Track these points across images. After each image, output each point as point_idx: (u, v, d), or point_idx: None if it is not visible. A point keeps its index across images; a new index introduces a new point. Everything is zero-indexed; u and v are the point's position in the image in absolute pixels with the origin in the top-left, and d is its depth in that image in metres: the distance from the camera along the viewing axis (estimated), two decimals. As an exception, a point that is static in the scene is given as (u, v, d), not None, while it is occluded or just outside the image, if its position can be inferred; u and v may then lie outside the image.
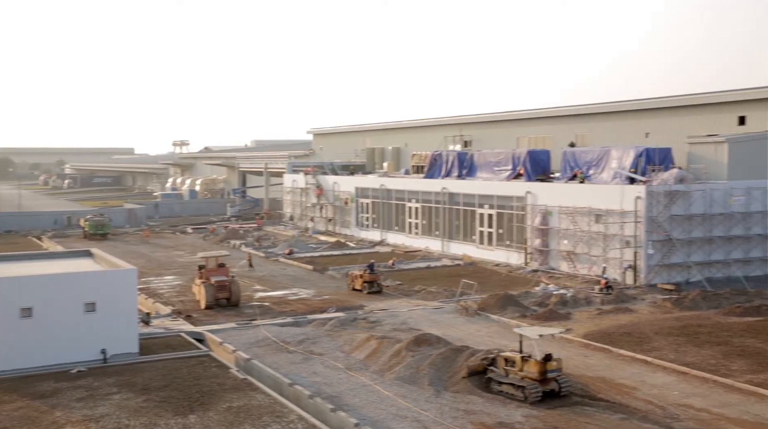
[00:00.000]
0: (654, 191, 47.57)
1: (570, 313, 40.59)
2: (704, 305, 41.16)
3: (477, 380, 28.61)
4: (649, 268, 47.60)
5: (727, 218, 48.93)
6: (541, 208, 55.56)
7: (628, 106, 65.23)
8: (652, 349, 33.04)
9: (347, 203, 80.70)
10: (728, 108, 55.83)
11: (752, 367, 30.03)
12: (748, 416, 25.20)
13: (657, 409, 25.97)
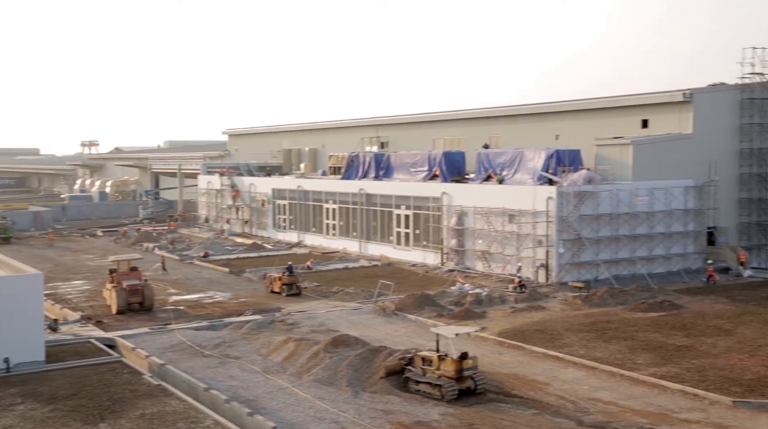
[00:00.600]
0: (564, 192, 49.02)
1: (485, 312, 41.39)
2: (612, 302, 42.69)
3: (395, 380, 28.82)
4: (560, 266, 49.03)
5: (632, 218, 50.88)
6: (456, 208, 56.43)
7: (540, 109, 66.97)
8: (563, 346, 34.05)
9: (264, 205, 79.93)
10: (632, 112, 58.07)
11: (656, 361, 31.33)
12: (652, 407, 26.29)
13: (568, 404, 26.78)
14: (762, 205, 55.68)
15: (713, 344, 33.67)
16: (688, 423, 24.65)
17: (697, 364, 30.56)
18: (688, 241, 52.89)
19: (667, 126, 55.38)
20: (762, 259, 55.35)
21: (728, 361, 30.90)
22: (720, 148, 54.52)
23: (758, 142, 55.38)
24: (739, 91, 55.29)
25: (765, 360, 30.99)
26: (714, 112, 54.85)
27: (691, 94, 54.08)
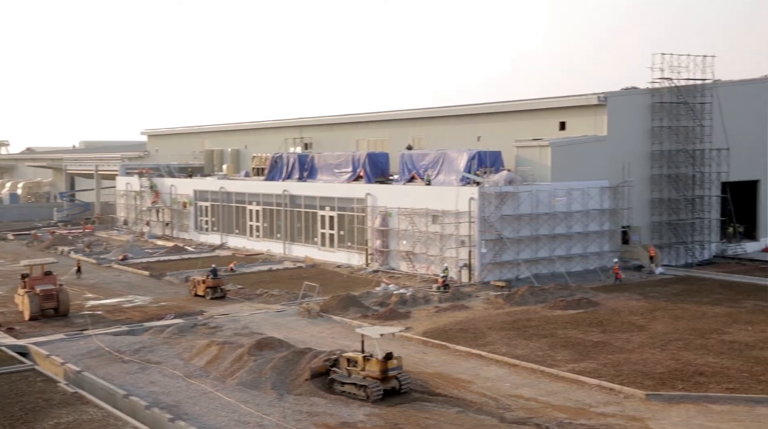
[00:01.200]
0: (486, 192, 49.90)
1: (410, 312, 41.73)
2: (532, 300, 43.70)
3: (320, 382, 28.77)
4: (483, 266, 49.87)
5: (551, 217, 52.20)
6: (381, 209, 56.69)
7: (462, 111, 67.95)
8: (486, 344, 34.66)
9: (185, 206, 78.43)
10: (551, 114, 59.58)
11: (574, 357, 32.25)
12: (571, 402, 27.06)
13: (490, 401, 27.28)
14: (672, 205, 57.98)
15: (628, 340, 34.88)
16: (604, 416, 25.46)
17: (613, 359, 31.61)
18: (604, 240, 54.61)
19: (584, 128, 57.07)
20: (672, 257, 57.60)
21: (641, 356, 32.07)
22: (633, 150, 56.51)
23: (668, 145, 57.64)
24: (650, 95, 57.43)
25: (675, 354, 32.31)
26: (627, 115, 56.82)
27: (605, 98, 55.87)
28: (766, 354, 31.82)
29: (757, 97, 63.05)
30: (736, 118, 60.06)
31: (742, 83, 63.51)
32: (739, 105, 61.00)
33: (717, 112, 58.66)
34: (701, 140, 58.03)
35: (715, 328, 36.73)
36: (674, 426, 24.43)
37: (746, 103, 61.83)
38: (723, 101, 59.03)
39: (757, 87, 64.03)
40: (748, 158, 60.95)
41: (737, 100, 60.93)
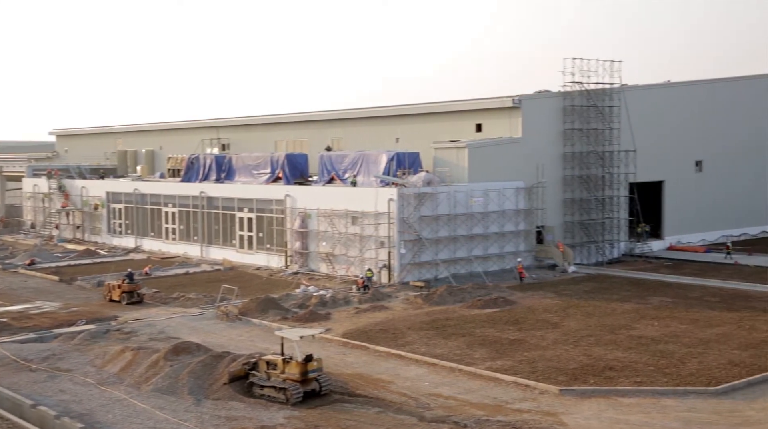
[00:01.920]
0: (405, 193, 50.33)
1: (330, 313, 41.68)
2: (450, 300, 44.32)
3: (239, 386, 28.41)
4: (402, 266, 50.28)
5: (468, 218, 53.08)
6: (300, 211, 56.40)
7: (381, 113, 68.34)
8: (405, 344, 34.96)
9: (97, 209, 76.06)
10: (467, 116, 60.62)
11: (491, 355, 32.91)
12: (488, 400, 27.59)
13: (410, 401, 27.53)
14: (584, 205, 59.88)
15: (542, 337, 35.82)
16: (520, 412, 26.07)
17: (528, 356, 32.40)
18: (520, 240, 55.90)
19: (499, 130, 58.28)
20: (584, 255, 59.48)
21: (555, 352, 32.99)
22: (546, 152, 58.07)
23: (579, 147, 59.51)
24: (562, 98, 59.16)
25: (587, 350, 33.39)
26: (540, 118, 58.37)
27: (520, 101, 57.22)
28: (670, 348, 33.24)
29: (661, 101, 65.81)
30: (641, 121, 62.50)
31: (647, 88, 66.17)
32: (645, 108, 63.52)
33: (624, 115, 60.90)
34: (610, 142, 60.16)
35: (624, 323, 38.13)
36: (586, 420, 25.23)
37: (651, 107, 64.43)
38: (630, 105, 61.34)
39: (661, 91, 66.85)
40: (653, 160, 63.51)
41: (643, 104, 63.43)
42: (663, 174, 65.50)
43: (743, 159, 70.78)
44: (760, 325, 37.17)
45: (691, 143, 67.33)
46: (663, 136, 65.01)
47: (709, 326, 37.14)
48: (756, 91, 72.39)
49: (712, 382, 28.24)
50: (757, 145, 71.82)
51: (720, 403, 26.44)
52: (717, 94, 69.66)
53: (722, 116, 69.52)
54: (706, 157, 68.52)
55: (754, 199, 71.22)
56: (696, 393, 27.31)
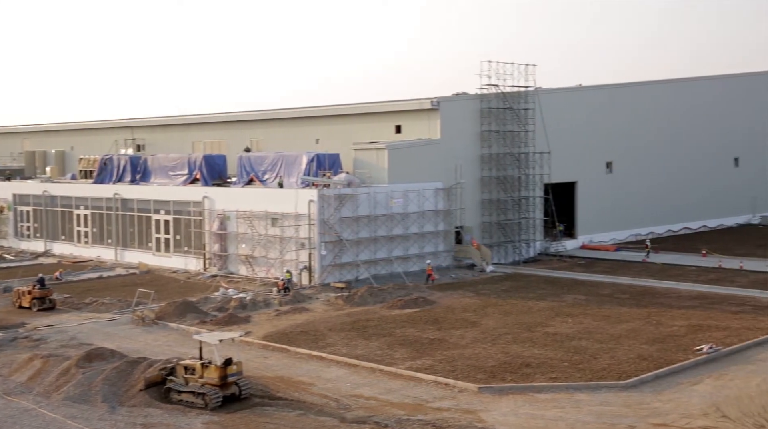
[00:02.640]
0: (325, 195, 50.26)
1: (250, 316, 41.24)
2: (371, 300, 44.52)
3: (156, 392, 27.80)
4: (323, 268, 50.19)
5: (389, 219, 53.43)
6: (218, 212, 55.60)
7: (301, 113, 68.05)
8: (326, 345, 34.93)
9: (3, 211, 72.99)
10: (387, 118, 61.05)
11: (412, 355, 33.23)
12: (409, 399, 27.86)
13: (331, 402, 27.53)
14: (501, 206, 61.15)
15: (461, 336, 36.40)
16: (440, 411, 26.42)
17: (448, 355, 32.87)
18: (439, 240, 56.63)
19: (419, 131, 58.90)
20: (501, 255, 60.75)
21: (474, 351, 33.58)
22: (464, 153, 59.03)
23: (496, 148, 60.74)
24: (479, 101, 60.26)
25: (505, 347, 34.12)
26: (458, 120, 59.29)
27: (438, 102, 58.00)
28: (584, 344, 34.32)
29: (573, 104, 67.87)
30: (555, 123, 64.28)
31: (560, 91, 68.13)
32: (558, 111, 65.35)
33: (539, 117, 62.50)
34: (525, 144, 61.63)
35: (540, 321, 39.14)
36: (504, 416, 25.78)
37: (564, 110, 66.34)
38: (544, 107, 63.00)
39: (573, 95, 68.94)
40: (566, 161, 65.41)
41: (556, 107, 65.23)
42: (576, 175, 67.54)
43: (650, 160, 73.70)
44: (666, 320, 38.79)
45: (601, 145, 69.69)
46: (575, 138, 67.05)
47: (620, 322, 38.52)
48: (662, 94, 75.52)
49: (622, 376, 29.29)
50: (663, 147, 74.94)
51: (630, 396, 27.46)
52: (625, 97, 72.30)
53: (630, 118, 72.20)
54: (616, 159, 71.03)
55: (661, 199, 74.27)
56: (608, 387, 28.28)
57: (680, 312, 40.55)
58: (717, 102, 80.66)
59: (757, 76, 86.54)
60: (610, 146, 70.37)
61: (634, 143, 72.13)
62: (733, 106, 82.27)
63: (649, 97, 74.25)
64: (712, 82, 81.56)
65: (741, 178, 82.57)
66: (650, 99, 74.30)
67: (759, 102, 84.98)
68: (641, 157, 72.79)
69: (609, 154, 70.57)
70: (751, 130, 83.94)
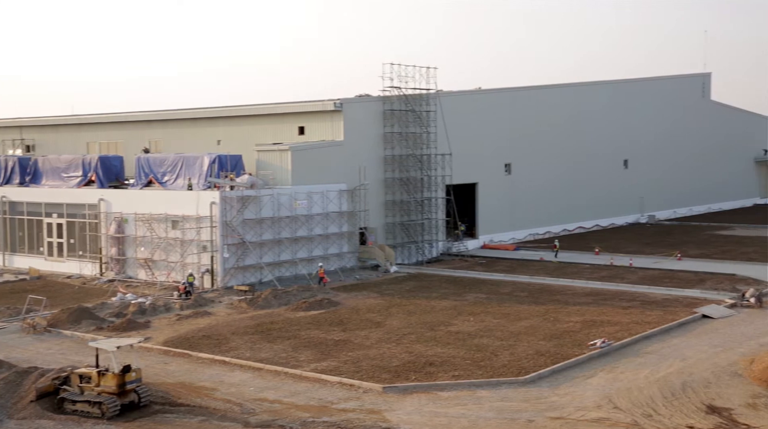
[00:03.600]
0: (227, 196, 49.48)
1: (149, 322, 40.17)
2: (275, 303, 44.17)
3: (48, 402, 26.69)
4: (226, 271, 49.39)
5: (293, 221, 53.13)
6: (116, 215, 53.86)
7: (201, 114, 66.75)
8: (229, 350, 34.41)
9: None
10: (290, 119, 60.72)
11: (317, 356, 33.16)
12: (314, 401, 27.80)
13: (235, 407, 27.15)
14: (404, 207, 61.83)
15: (366, 336, 36.60)
16: (345, 412, 26.49)
17: (353, 356, 32.99)
18: (343, 241, 56.73)
19: (322, 133, 58.86)
20: (405, 255, 61.44)
21: (379, 351, 33.84)
22: (368, 154, 59.37)
23: (399, 150, 61.39)
24: (382, 103, 60.76)
25: (409, 347, 34.54)
26: (362, 121, 59.59)
27: (341, 104, 58.14)
28: (485, 342, 35.16)
29: (473, 107, 69.39)
30: (456, 125, 65.54)
31: (460, 94, 69.55)
32: (459, 113, 66.67)
33: (440, 119, 63.58)
34: (427, 146, 62.56)
35: (443, 320, 39.83)
36: (408, 415, 26.09)
37: (464, 112, 67.74)
38: (445, 110, 64.14)
39: (473, 97, 70.51)
40: (467, 163, 66.83)
41: (457, 109, 66.54)
42: (476, 176, 69.07)
43: (547, 162, 76.22)
44: (562, 316, 40.22)
45: (500, 147, 71.55)
46: (476, 140, 68.57)
47: (519, 319, 39.66)
48: (558, 98, 78.25)
49: (521, 372, 30.18)
50: (559, 149, 77.67)
51: (528, 391, 28.33)
52: (523, 101, 74.50)
53: (528, 121, 74.45)
54: (514, 160, 73.08)
55: (557, 200, 76.94)
56: (508, 383, 29.08)
57: (575, 308, 42.13)
58: (608, 106, 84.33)
59: (645, 81, 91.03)
60: (508, 148, 72.34)
61: (531, 145, 74.41)
62: (623, 110, 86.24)
63: (546, 101, 76.79)
64: (604, 86, 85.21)
65: (630, 180, 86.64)
66: (547, 102, 76.85)
67: (646, 106, 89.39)
68: (538, 159, 75.18)
69: (508, 156, 72.52)
70: (639, 134, 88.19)
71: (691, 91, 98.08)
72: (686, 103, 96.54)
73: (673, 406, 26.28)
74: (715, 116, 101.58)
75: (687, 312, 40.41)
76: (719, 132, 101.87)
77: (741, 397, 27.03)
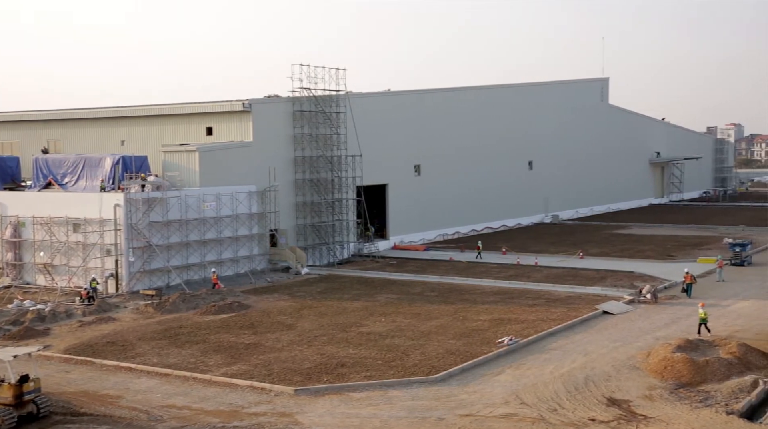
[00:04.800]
0: (132, 198, 48.11)
1: (49, 329, 38.63)
2: (184, 307, 43.26)
3: (-61, 417, 25.25)
4: (131, 275, 48.00)
5: (201, 223, 52.12)
6: (12, 218, 51.54)
7: (103, 114, 64.69)
8: (136, 356, 33.48)
9: None
10: (198, 119, 59.58)
11: (227, 360, 32.68)
12: (224, 406, 27.39)
13: (141, 414, 26.45)
14: (315, 208, 61.67)
15: (278, 339, 36.32)
16: (256, 416, 26.22)
17: (264, 359, 32.67)
18: (254, 244, 56.06)
19: (231, 134, 58.02)
20: (317, 257, 61.27)
21: (290, 354, 33.64)
22: (278, 156, 58.91)
23: (309, 151, 61.18)
24: (291, 104, 60.41)
25: (321, 349, 34.48)
26: (271, 122, 59.07)
27: (250, 105, 57.49)
28: (396, 342, 35.48)
29: (383, 109, 69.89)
30: (366, 127, 65.87)
31: (370, 95, 69.94)
32: (369, 115, 67.04)
33: (350, 121, 63.74)
34: (338, 147, 62.61)
35: (355, 321, 39.95)
36: (320, 417, 26.06)
37: (374, 114, 68.17)
38: (355, 111, 64.36)
39: (382, 99, 71.04)
40: (377, 164, 67.25)
41: (366, 111, 66.88)
42: (386, 177, 69.60)
43: (455, 163, 77.57)
44: (471, 315, 41.03)
45: (410, 148, 72.34)
46: (386, 142, 69.10)
47: (430, 319, 40.22)
48: (466, 100, 79.77)
49: (432, 371, 30.61)
50: (467, 151, 79.17)
51: (439, 389, 28.77)
52: (432, 103, 75.60)
53: (437, 123, 75.60)
54: (424, 162, 74.04)
55: (465, 201, 78.43)
56: (419, 382, 29.45)
57: (484, 307, 43.05)
58: (514, 109, 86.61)
59: (548, 85, 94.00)
60: (418, 150, 73.22)
61: (440, 147, 75.56)
62: (528, 112, 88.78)
63: (454, 103, 78.14)
64: (510, 90, 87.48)
65: (535, 181, 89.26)
66: (455, 105, 78.22)
67: (549, 109, 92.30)
68: (447, 161, 76.41)
69: (417, 158, 73.39)
70: (543, 136, 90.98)
71: (590, 95, 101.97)
72: (586, 107, 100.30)
73: (576, 400, 27.24)
74: (612, 119, 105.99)
75: (589, 309, 41.94)
76: (617, 135, 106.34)
77: (638, 389, 28.27)
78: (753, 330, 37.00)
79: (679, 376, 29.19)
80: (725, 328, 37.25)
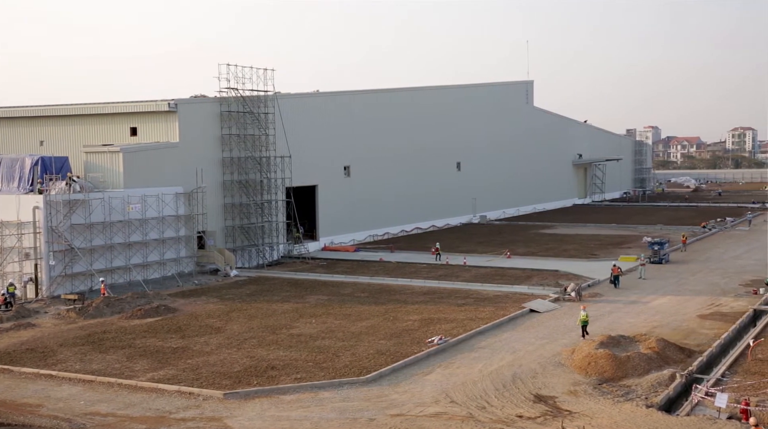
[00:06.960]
0: (53, 201, 46.59)
1: (-37, 337, 37.02)
2: (108, 311, 42.16)
3: None
4: (52, 279, 46.49)
5: (126, 225, 50.87)
6: None
7: (20, 113, 62.47)
8: (57, 362, 32.45)
9: None
10: (122, 119, 58.16)
11: (153, 365, 31.98)
12: (151, 412, 26.79)
13: (63, 423, 25.65)
14: (243, 210, 60.99)
15: (206, 342, 35.76)
16: (184, 421, 25.75)
17: (192, 364, 32.11)
18: (181, 246, 55.04)
19: (156, 134, 56.83)
20: (246, 259, 60.60)
21: (219, 357, 33.16)
22: (205, 157, 58.02)
23: (237, 152, 60.48)
24: (219, 104, 59.59)
25: (250, 351, 34.11)
26: (198, 123, 58.14)
27: (176, 105, 56.44)
28: (327, 343, 35.40)
29: (312, 109, 69.64)
30: (295, 127, 65.53)
31: (298, 96, 69.61)
32: (298, 116, 66.73)
33: (279, 122, 63.30)
34: (266, 148, 62.10)
35: (285, 323, 39.68)
36: (250, 420, 25.78)
37: (303, 115, 67.89)
38: (284, 112, 63.94)
39: (312, 100, 70.80)
40: (307, 165, 67.00)
41: (295, 112, 66.55)
42: (316, 178, 69.40)
43: (385, 165, 77.94)
44: (402, 315, 41.29)
45: (340, 149, 72.34)
46: (315, 143, 68.89)
47: (360, 320, 40.29)
48: (395, 102, 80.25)
49: (363, 371, 30.66)
50: (397, 152, 79.64)
51: (370, 390, 28.85)
52: (361, 104, 75.78)
53: (366, 124, 75.81)
54: (353, 163, 74.13)
55: (394, 201, 78.88)
56: (350, 383, 29.46)
57: (414, 307, 43.38)
58: (442, 110, 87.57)
59: (475, 87, 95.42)
60: (347, 151, 73.26)
61: (370, 148, 75.80)
62: (456, 114, 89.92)
63: (383, 104, 78.50)
64: (438, 91, 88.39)
65: (463, 181, 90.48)
66: (384, 106, 78.59)
67: (477, 111, 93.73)
68: (377, 162, 76.70)
69: (347, 159, 73.43)
70: (471, 137, 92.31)
71: (516, 97, 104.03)
72: (512, 109, 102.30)
73: (504, 397, 27.73)
74: (537, 121, 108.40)
75: (516, 307, 42.76)
76: (542, 136, 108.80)
77: (564, 386, 28.99)
78: (671, 325, 38.42)
79: (602, 371, 30.07)
80: (645, 324, 38.56)
